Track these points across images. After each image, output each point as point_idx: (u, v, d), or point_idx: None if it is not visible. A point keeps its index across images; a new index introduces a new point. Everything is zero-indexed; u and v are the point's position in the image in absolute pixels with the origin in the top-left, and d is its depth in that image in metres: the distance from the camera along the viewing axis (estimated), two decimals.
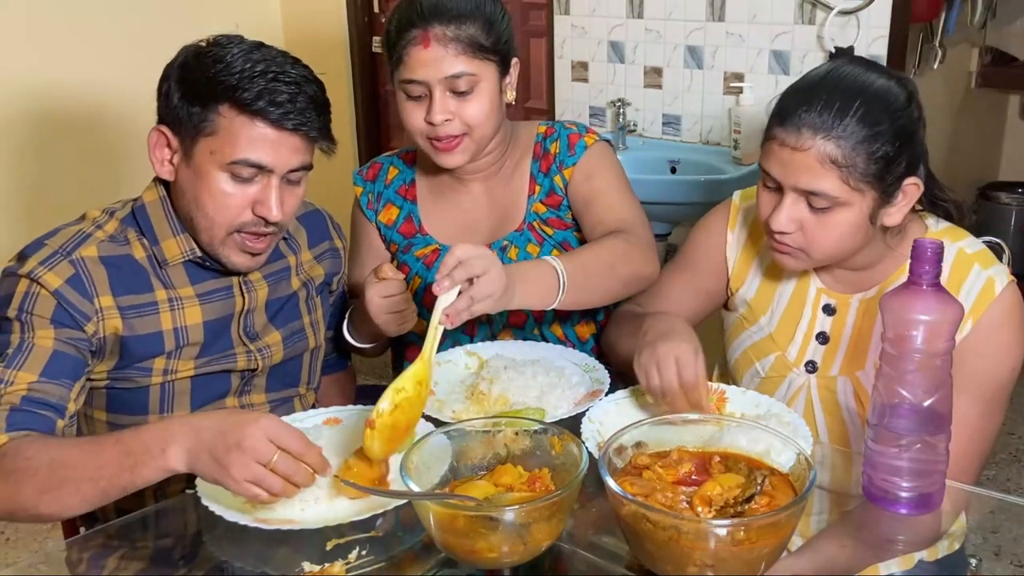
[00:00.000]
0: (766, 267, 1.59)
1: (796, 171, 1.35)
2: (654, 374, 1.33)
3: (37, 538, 2.85)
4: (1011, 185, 3.92)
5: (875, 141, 1.33)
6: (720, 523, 1.03)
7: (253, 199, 1.41)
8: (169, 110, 1.41)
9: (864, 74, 1.37)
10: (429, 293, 1.72)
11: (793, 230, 1.39)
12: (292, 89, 1.38)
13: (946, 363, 1.18)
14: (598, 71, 3.02)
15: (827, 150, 1.32)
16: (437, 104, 1.59)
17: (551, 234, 1.74)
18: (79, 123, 3.22)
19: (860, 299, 1.50)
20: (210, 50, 1.40)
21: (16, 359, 1.35)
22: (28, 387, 1.33)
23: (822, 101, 1.33)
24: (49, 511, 1.26)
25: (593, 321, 1.79)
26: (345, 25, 3.65)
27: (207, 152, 1.39)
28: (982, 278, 1.42)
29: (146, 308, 1.46)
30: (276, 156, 1.39)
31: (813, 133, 1.33)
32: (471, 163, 1.69)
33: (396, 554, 1.22)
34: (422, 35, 1.57)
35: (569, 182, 1.72)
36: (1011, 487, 2.94)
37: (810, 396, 1.55)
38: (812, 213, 1.37)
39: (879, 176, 1.34)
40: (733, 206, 1.64)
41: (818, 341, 1.54)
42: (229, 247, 1.45)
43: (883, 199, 1.37)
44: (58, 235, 1.45)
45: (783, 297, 1.57)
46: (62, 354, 1.37)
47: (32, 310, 1.38)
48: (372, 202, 1.82)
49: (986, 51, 3.67)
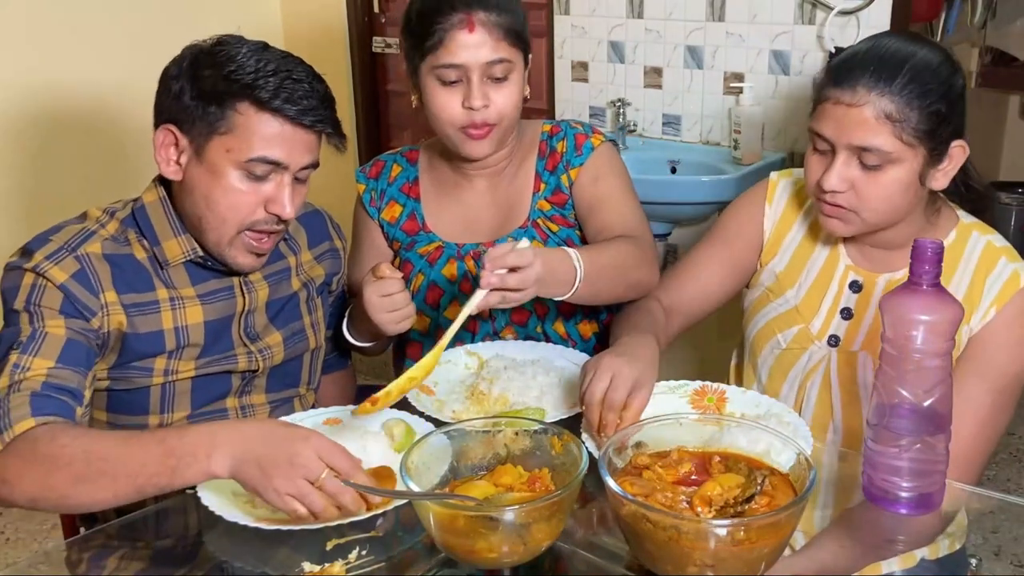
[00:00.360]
0: (799, 242, 1.62)
1: (851, 127, 1.38)
2: (587, 380, 1.35)
3: (37, 538, 2.85)
4: (1011, 185, 3.92)
5: (927, 97, 1.37)
6: (720, 523, 1.03)
7: (265, 197, 1.42)
8: (180, 109, 1.40)
9: (909, 43, 1.42)
10: (432, 290, 1.73)
11: (845, 189, 1.42)
12: (306, 87, 1.40)
13: (946, 363, 1.18)
14: (598, 71, 3.02)
15: (882, 105, 1.36)
16: (476, 90, 1.59)
17: (555, 231, 1.74)
18: (79, 123, 3.22)
19: (887, 279, 1.53)
20: (220, 49, 1.40)
21: (30, 346, 1.35)
22: (47, 372, 1.33)
23: (875, 61, 1.38)
24: (79, 501, 1.25)
25: (596, 320, 1.79)
26: (345, 25, 3.65)
27: (222, 150, 1.39)
28: (1008, 270, 1.46)
29: (148, 307, 1.46)
30: (291, 153, 1.40)
31: (868, 90, 1.37)
32: (487, 157, 1.69)
33: (396, 554, 1.22)
34: (467, 19, 1.57)
35: (575, 182, 1.73)
36: (1011, 487, 2.94)
37: (829, 369, 1.56)
38: (864, 171, 1.40)
39: (930, 132, 1.38)
40: (771, 183, 1.67)
41: (842, 316, 1.56)
42: (236, 247, 1.45)
43: (932, 158, 1.41)
44: (62, 231, 1.45)
45: (812, 272, 1.60)
46: (75, 342, 1.37)
47: (39, 302, 1.38)
48: (375, 199, 1.82)
49: (986, 51, 3.67)
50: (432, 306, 1.73)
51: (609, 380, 1.33)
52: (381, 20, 3.65)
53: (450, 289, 1.73)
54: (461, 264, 1.74)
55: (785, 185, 1.66)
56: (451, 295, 1.73)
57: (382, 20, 3.65)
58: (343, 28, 3.66)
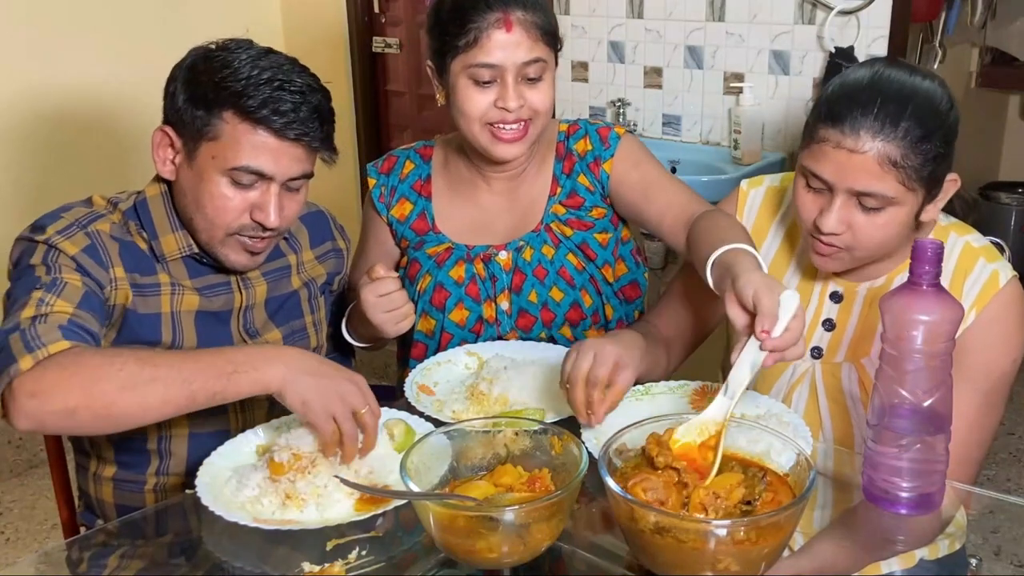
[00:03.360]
0: (775, 252, 1.61)
1: (854, 173, 1.35)
2: (570, 359, 1.36)
3: (37, 538, 2.85)
4: (1011, 185, 3.92)
5: (930, 140, 1.35)
6: (720, 523, 1.03)
7: (252, 204, 1.42)
8: (174, 111, 1.42)
9: (909, 77, 1.39)
10: (438, 292, 1.72)
11: (843, 231, 1.40)
12: (296, 98, 1.39)
13: (946, 363, 1.18)
14: (598, 71, 3.02)
15: (887, 151, 1.33)
16: (511, 90, 1.57)
17: (569, 235, 1.73)
18: (82, 123, 3.23)
19: (868, 288, 1.52)
20: (218, 54, 1.41)
21: (53, 288, 1.35)
22: (72, 312, 1.33)
23: (877, 104, 1.34)
24: (125, 409, 1.23)
25: (604, 328, 1.77)
26: (345, 25, 3.66)
27: (209, 156, 1.40)
28: (987, 271, 1.44)
29: (150, 288, 1.47)
30: (277, 164, 1.40)
31: (872, 136, 1.33)
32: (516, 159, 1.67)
33: (396, 554, 1.22)
34: (504, 18, 1.55)
35: (611, 174, 1.71)
36: (1011, 487, 2.95)
37: (814, 382, 1.55)
38: (863, 213, 1.38)
39: (931, 174, 1.36)
40: (741, 193, 1.65)
41: (824, 328, 1.55)
42: (228, 246, 1.46)
43: (929, 196, 1.39)
44: (72, 210, 1.47)
45: (790, 284, 1.58)
46: (91, 294, 1.38)
47: (56, 261, 1.39)
48: (385, 195, 1.80)
49: (986, 51, 3.67)
50: (438, 308, 1.72)
51: (592, 357, 1.33)
52: (381, 20, 3.65)
53: (456, 291, 1.72)
54: (470, 266, 1.72)
55: (756, 195, 1.64)
56: (457, 297, 1.72)
57: (382, 20, 3.65)
58: (343, 28, 3.66)
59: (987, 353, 1.42)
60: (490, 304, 1.71)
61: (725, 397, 1.19)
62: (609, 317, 1.76)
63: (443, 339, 1.73)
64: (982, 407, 1.42)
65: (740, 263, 1.29)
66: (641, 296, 1.81)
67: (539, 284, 1.70)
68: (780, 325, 1.17)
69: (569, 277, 1.71)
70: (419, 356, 1.74)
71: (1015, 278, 1.45)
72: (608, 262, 1.74)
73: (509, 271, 1.71)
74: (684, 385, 1.51)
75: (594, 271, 1.72)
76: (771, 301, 1.17)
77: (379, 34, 3.67)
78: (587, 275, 1.72)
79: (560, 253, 1.71)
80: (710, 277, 1.37)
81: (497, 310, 1.71)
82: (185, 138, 1.42)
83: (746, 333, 1.20)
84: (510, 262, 1.72)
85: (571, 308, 1.71)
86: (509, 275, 1.71)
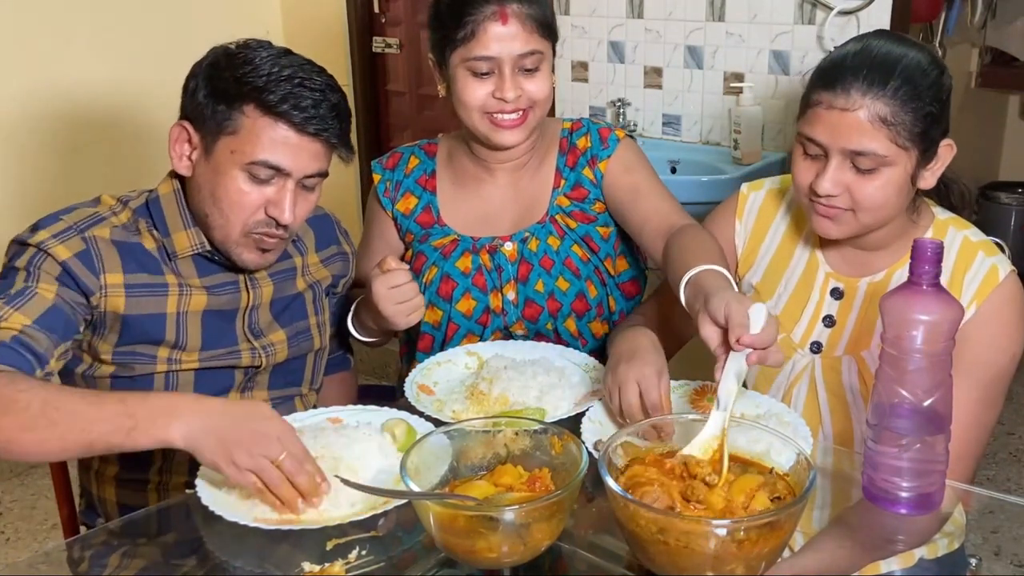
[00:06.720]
0: (774, 252, 1.62)
1: (846, 132, 1.38)
2: (616, 397, 1.37)
3: (37, 538, 2.85)
4: (1011, 185, 3.92)
5: (920, 99, 1.37)
6: (720, 523, 1.04)
7: (268, 200, 1.43)
8: (193, 107, 1.43)
9: (898, 44, 1.41)
10: (445, 283, 1.73)
11: (839, 192, 1.41)
12: (317, 95, 1.41)
13: (946, 363, 1.18)
14: (598, 71, 3.02)
15: (877, 109, 1.36)
16: (508, 81, 1.60)
17: (573, 227, 1.74)
18: (88, 124, 3.24)
19: (868, 282, 1.52)
20: (239, 52, 1.43)
21: (16, 300, 1.36)
22: (21, 328, 1.34)
23: (867, 65, 1.37)
24: (26, 449, 1.23)
25: (607, 320, 1.78)
26: (345, 25, 3.66)
27: (227, 151, 1.41)
28: (986, 265, 1.45)
29: (156, 289, 1.48)
30: (295, 160, 1.41)
31: (862, 94, 1.36)
32: (515, 148, 1.69)
33: (396, 554, 1.22)
34: (500, 11, 1.58)
35: (605, 174, 1.74)
36: (1011, 487, 2.95)
37: (814, 376, 1.56)
38: (857, 175, 1.40)
39: (923, 134, 1.38)
40: (741, 196, 1.67)
41: (824, 324, 1.56)
42: (243, 245, 1.47)
43: (923, 159, 1.41)
44: (74, 212, 1.47)
45: (791, 282, 1.59)
46: (59, 310, 1.38)
47: (40, 266, 1.40)
48: (390, 190, 1.82)
49: (986, 51, 3.67)
50: (445, 299, 1.73)
51: (636, 387, 1.35)
52: (381, 20, 3.65)
53: (463, 282, 1.73)
54: (476, 257, 1.74)
55: (755, 198, 1.66)
56: (464, 288, 1.73)
57: (382, 20, 3.65)
58: (343, 28, 3.66)
59: (986, 348, 1.42)
60: (496, 295, 1.72)
61: (718, 411, 1.20)
62: (613, 309, 1.77)
63: (450, 330, 1.73)
64: (980, 403, 1.42)
65: (712, 283, 1.32)
66: (641, 293, 1.83)
67: (545, 274, 1.72)
68: (755, 327, 1.19)
69: (575, 267, 1.72)
70: (426, 348, 1.76)
71: (1014, 272, 1.46)
72: (610, 255, 1.76)
73: (515, 262, 1.73)
74: (684, 385, 1.52)
75: (598, 263, 1.75)
76: (740, 312, 1.20)
77: (379, 34, 3.67)
78: (592, 266, 1.74)
79: (565, 244, 1.73)
80: (683, 296, 1.39)
81: (504, 300, 1.72)
82: (203, 133, 1.43)
83: (720, 352, 1.22)
84: (516, 253, 1.73)
85: (577, 298, 1.72)
86: (515, 266, 1.73)
